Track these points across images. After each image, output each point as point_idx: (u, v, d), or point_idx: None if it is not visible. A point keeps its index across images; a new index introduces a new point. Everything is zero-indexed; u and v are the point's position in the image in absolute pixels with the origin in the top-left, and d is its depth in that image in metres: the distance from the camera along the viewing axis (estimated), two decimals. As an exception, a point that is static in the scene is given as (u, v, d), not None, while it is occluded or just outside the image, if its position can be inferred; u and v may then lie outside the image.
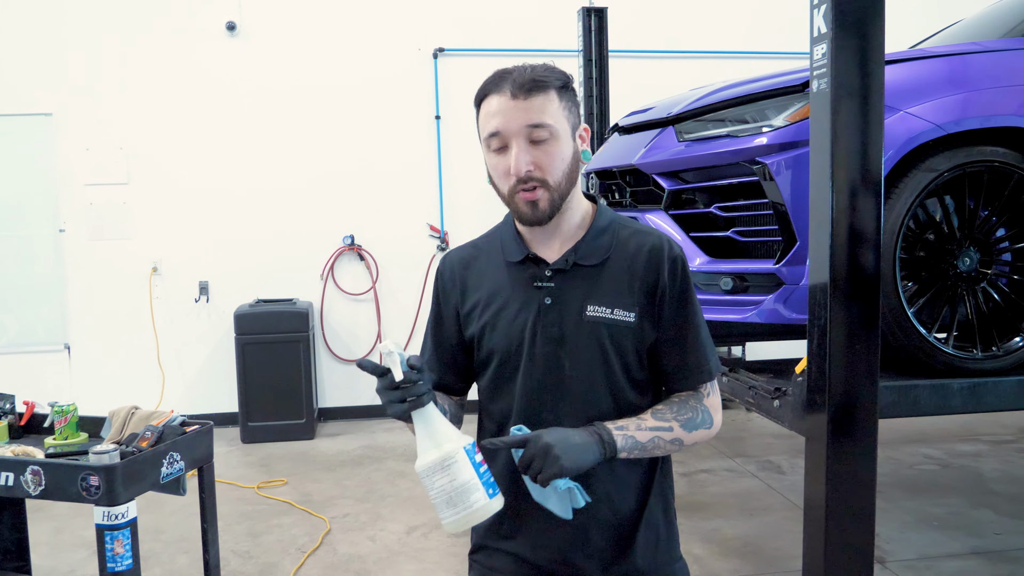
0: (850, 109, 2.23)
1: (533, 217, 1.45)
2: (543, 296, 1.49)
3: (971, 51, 2.90)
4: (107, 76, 5.83)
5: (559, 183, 1.45)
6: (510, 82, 1.43)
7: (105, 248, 5.91)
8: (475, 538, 1.60)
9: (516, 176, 1.42)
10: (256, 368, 5.66)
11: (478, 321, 1.54)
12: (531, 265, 1.52)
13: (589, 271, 1.49)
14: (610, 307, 1.47)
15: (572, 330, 1.47)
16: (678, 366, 1.51)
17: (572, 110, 1.47)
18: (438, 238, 6.24)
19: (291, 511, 4.33)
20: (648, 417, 1.47)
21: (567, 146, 1.45)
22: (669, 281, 1.49)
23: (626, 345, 1.47)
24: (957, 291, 2.80)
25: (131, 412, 2.65)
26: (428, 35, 6.13)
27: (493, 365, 1.53)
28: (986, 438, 5.40)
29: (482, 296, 1.55)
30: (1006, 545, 3.70)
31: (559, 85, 1.45)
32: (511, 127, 1.41)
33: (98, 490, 2.18)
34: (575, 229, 1.52)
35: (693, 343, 1.51)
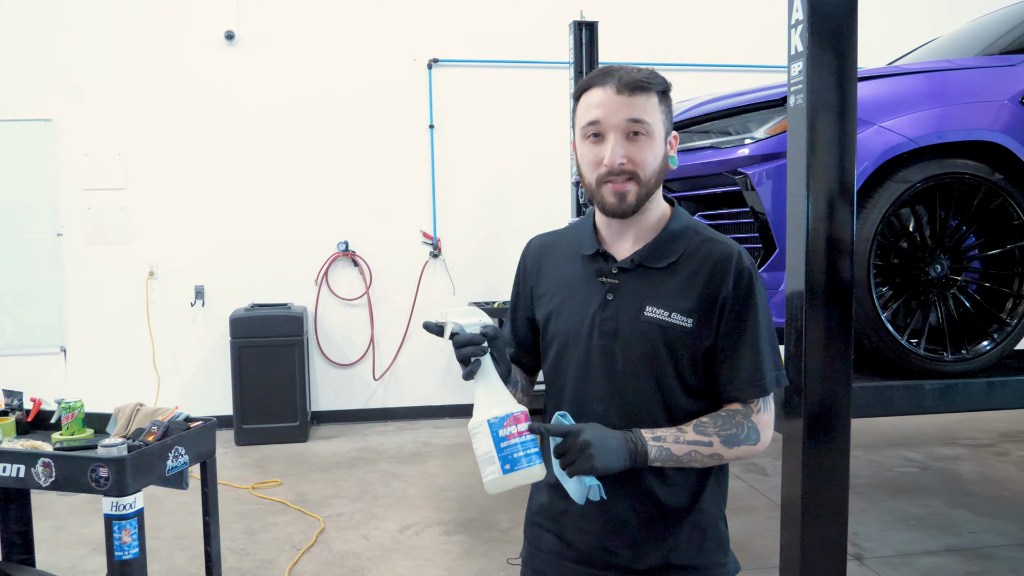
0: (825, 123, 2.35)
1: (619, 208, 1.51)
2: (606, 291, 1.55)
3: (943, 68, 3.04)
4: (107, 83, 5.93)
5: (648, 179, 1.50)
6: (616, 79, 1.48)
7: (103, 252, 6.01)
8: (528, 514, 1.69)
9: (609, 167, 1.48)
10: (251, 371, 5.75)
11: (547, 306, 1.63)
12: (600, 260, 1.58)
13: (654, 273, 1.54)
14: (668, 310, 1.50)
15: (628, 328, 1.52)
16: (730, 377, 1.52)
17: (667, 116, 1.53)
18: (431, 245, 6.35)
19: (286, 510, 4.43)
20: (689, 430, 1.48)
21: (660, 146, 1.51)
22: (733, 292, 1.50)
23: (680, 349, 1.50)
24: (929, 297, 2.93)
25: (136, 409, 2.75)
26: (423, 46, 6.26)
27: (554, 350, 1.61)
28: (965, 442, 5.54)
29: (554, 283, 1.64)
30: (980, 543, 3.83)
31: (660, 90, 1.51)
32: (611, 120, 1.47)
33: (107, 481, 2.27)
34: (649, 230, 1.57)
35: (749, 355, 1.51)
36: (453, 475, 4.89)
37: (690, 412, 1.52)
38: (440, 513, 4.33)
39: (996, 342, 2.91)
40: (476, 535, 4.02)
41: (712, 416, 1.52)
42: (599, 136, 1.49)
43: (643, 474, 1.50)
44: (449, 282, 6.39)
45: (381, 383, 6.40)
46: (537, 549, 1.65)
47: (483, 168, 6.39)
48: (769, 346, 1.53)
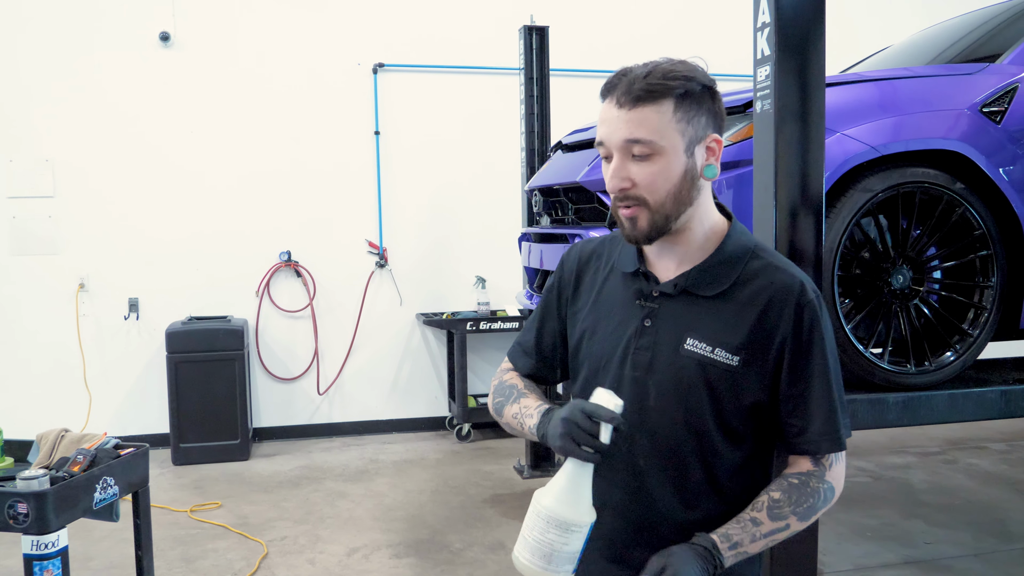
0: (793, 129, 2.29)
1: (631, 235, 1.36)
2: (644, 316, 1.39)
3: (904, 76, 3.01)
4: (33, 86, 5.62)
5: (661, 204, 1.32)
6: (621, 88, 1.31)
7: (29, 263, 5.69)
8: None
9: (612, 192, 1.34)
10: (189, 387, 5.50)
11: (581, 324, 1.48)
12: (641, 280, 1.41)
13: (700, 300, 1.36)
14: (711, 344, 1.33)
15: (664, 361, 1.35)
16: (800, 429, 1.35)
17: (695, 121, 1.32)
18: (377, 255, 6.18)
19: (226, 535, 4.21)
20: (764, 518, 1.32)
21: (675, 163, 1.31)
22: (793, 330, 1.33)
23: (722, 390, 1.32)
24: (891, 308, 2.88)
25: (60, 435, 2.54)
26: (368, 50, 6.09)
27: (583, 375, 1.46)
28: (914, 450, 5.57)
29: (590, 299, 1.48)
30: (937, 554, 3.81)
31: (680, 92, 1.30)
32: (612, 140, 1.32)
33: (26, 518, 2.08)
34: (697, 250, 1.39)
35: (819, 405, 1.34)
36: (402, 493, 4.72)
37: (728, 462, 1.36)
38: (389, 535, 4.15)
39: (959, 353, 2.88)
40: (427, 558, 3.86)
41: (784, 490, 1.35)
42: (608, 156, 1.35)
43: (665, 524, 1.36)
44: (396, 292, 6.22)
45: (326, 398, 6.19)
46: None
47: (431, 176, 6.24)
48: (839, 392, 1.37)
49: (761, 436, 1.40)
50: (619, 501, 1.39)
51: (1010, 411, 2.88)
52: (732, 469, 1.37)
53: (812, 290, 1.36)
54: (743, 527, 1.32)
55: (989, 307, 2.88)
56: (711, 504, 1.37)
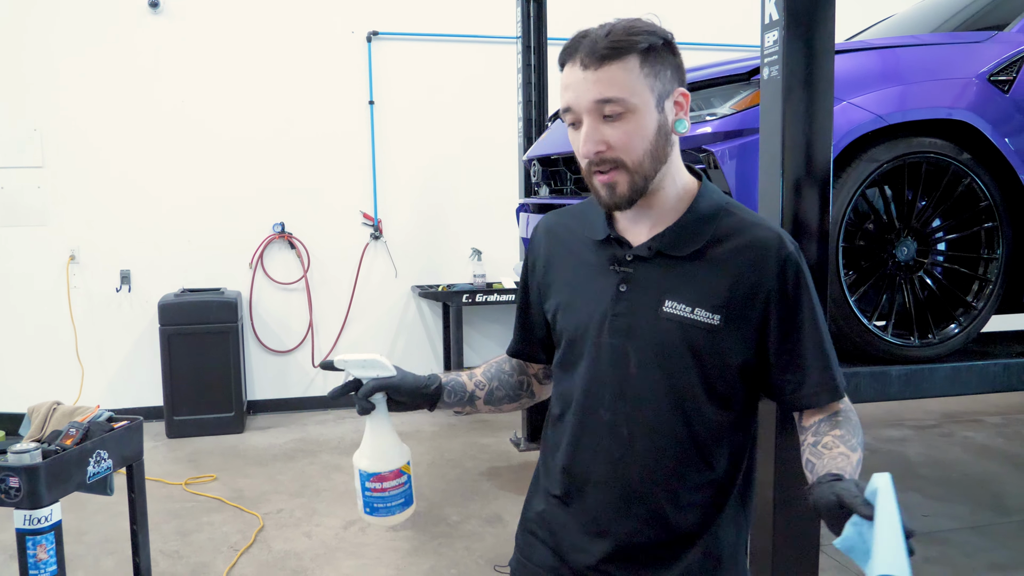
0: (801, 97, 2.23)
1: (611, 202, 1.30)
2: (619, 282, 1.34)
3: (911, 44, 2.95)
4: (21, 55, 5.50)
5: (639, 163, 1.27)
6: (583, 49, 1.25)
7: (18, 235, 5.60)
8: (523, 520, 1.51)
9: (586, 157, 1.28)
10: (182, 360, 5.45)
11: (555, 297, 1.44)
12: (614, 246, 1.36)
13: (675, 261, 1.32)
14: (691, 305, 1.29)
15: (644, 325, 1.31)
16: (798, 383, 1.32)
17: (661, 75, 1.27)
18: (371, 226, 6.11)
19: (222, 508, 4.18)
20: (844, 449, 1.27)
21: (648, 119, 1.26)
22: (778, 285, 1.30)
23: (706, 352, 1.29)
24: (895, 280, 2.84)
25: (52, 408, 2.50)
26: (362, 18, 5.98)
27: (562, 347, 1.42)
28: (911, 423, 5.57)
29: (563, 271, 1.44)
30: (934, 527, 3.81)
31: (643, 47, 1.25)
32: (580, 103, 1.26)
33: (18, 492, 2.03)
34: (669, 211, 1.34)
35: (814, 357, 1.32)
36: (398, 466, 4.70)
37: (715, 425, 1.32)
38: (386, 507, 4.13)
39: (963, 326, 2.85)
40: (424, 531, 3.84)
41: (839, 427, 1.30)
42: (576, 122, 1.29)
43: (653, 493, 1.33)
44: (391, 264, 6.17)
45: (320, 370, 6.14)
46: (528, 560, 1.47)
47: (426, 146, 6.16)
48: (829, 342, 1.34)
49: (747, 398, 1.36)
50: (604, 472, 1.36)
51: (1013, 384, 2.86)
52: (718, 433, 1.34)
53: (791, 243, 1.33)
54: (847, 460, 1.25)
55: (994, 280, 2.85)
56: (698, 470, 1.34)
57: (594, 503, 1.37)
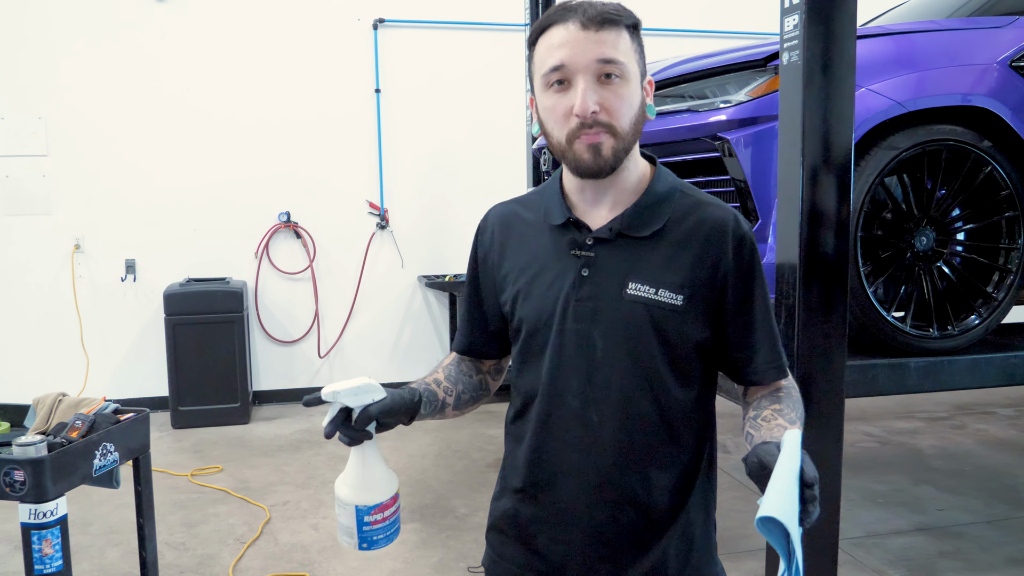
0: (822, 82, 2.17)
1: (594, 164, 1.27)
2: (580, 266, 1.32)
3: (931, 29, 2.88)
4: (25, 42, 5.45)
5: (626, 132, 1.27)
6: (579, 13, 1.24)
7: (23, 224, 5.57)
8: (491, 519, 1.48)
9: (581, 116, 1.24)
10: (187, 350, 5.41)
11: (512, 287, 1.40)
12: (573, 230, 1.34)
13: (636, 243, 1.31)
14: (654, 286, 1.29)
15: (608, 308, 1.30)
16: (747, 359, 1.35)
17: (641, 55, 1.30)
18: (378, 215, 6.06)
19: (228, 499, 4.15)
20: (782, 420, 1.30)
21: (636, 91, 1.28)
22: (734, 262, 1.31)
23: (671, 331, 1.29)
24: (914, 270, 2.79)
25: (58, 399, 2.46)
26: (368, 5, 5.91)
27: (522, 337, 1.39)
28: (921, 415, 5.52)
29: (519, 260, 1.40)
30: (949, 521, 3.77)
31: (630, 24, 1.27)
32: (579, 60, 1.23)
33: (23, 486, 1.99)
34: (628, 193, 1.34)
35: (763, 335, 1.35)
36: (405, 458, 4.67)
37: (681, 403, 1.32)
38: (393, 499, 4.09)
39: (983, 317, 2.80)
40: (432, 523, 3.81)
41: (781, 402, 1.33)
42: (565, 82, 1.25)
43: (625, 477, 1.31)
44: (397, 254, 6.12)
45: (326, 361, 6.11)
46: (500, 558, 1.44)
47: (433, 135, 6.10)
48: (775, 320, 1.39)
49: (705, 375, 1.37)
50: (574, 461, 1.33)
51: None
52: (684, 411, 1.34)
53: (745, 222, 1.35)
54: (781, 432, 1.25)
55: (1015, 269, 2.79)
56: (667, 451, 1.34)
57: (566, 493, 1.35)
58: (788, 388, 1.38)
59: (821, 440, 2.26)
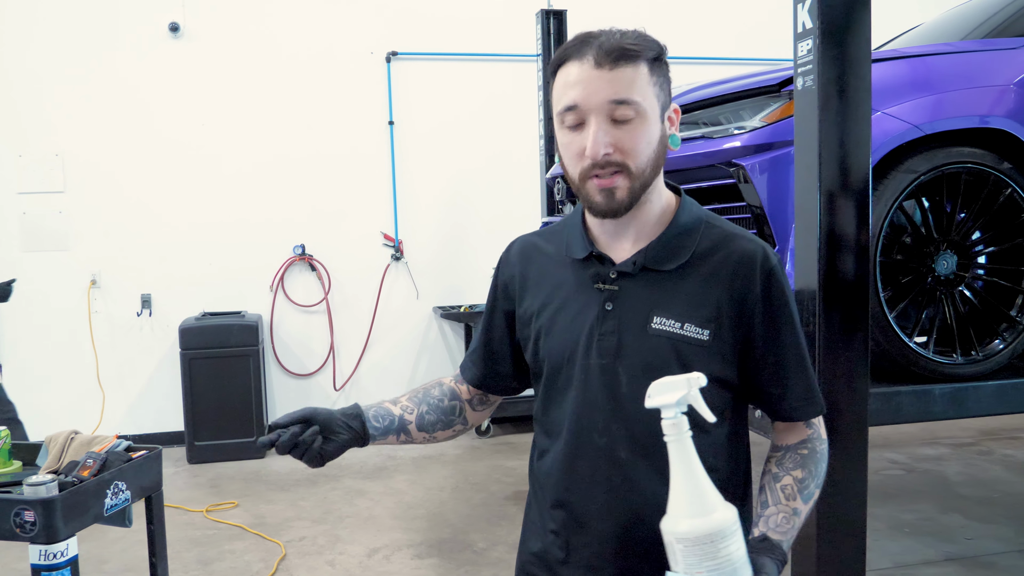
0: (837, 106, 2.15)
1: (607, 207, 1.25)
2: (604, 300, 1.30)
3: (946, 52, 2.86)
4: (42, 79, 5.53)
5: (642, 170, 1.24)
6: (595, 48, 1.22)
7: (40, 259, 5.60)
8: (520, 561, 1.44)
9: (592, 159, 1.22)
10: (203, 384, 5.40)
11: (533, 324, 1.38)
12: (595, 263, 1.32)
13: (661, 276, 1.29)
14: (680, 320, 1.26)
15: (633, 343, 1.27)
16: (780, 395, 1.32)
17: (663, 87, 1.27)
18: (392, 247, 6.06)
19: (243, 535, 4.11)
20: (801, 504, 1.30)
21: (654, 128, 1.25)
22: (763, 298, 1.28)
23: (697, 367, 1.23)
24: (936, 295, 2.74)
25: (70, 437, 2.44)
26: (381, 38, 5.96)
27: (545, 374, 1.36)
28: (947, 441, 5.41)
29: (540, 296, 1.38)
30: (979, 550, 3.67)
31: (651, 56, 1.24)
32: (591, 101, 1.21)
33: (34, 526, 1.97)
34: (652, 225, 1.32)
35: (797, 369, 1.32)
36: (422, 491, 4.62)
37: (712, 438, 1.28)
38: (410, 534, 4.05)
39: (1007, 341, 2.74)
40: (450, 558, 3.75)
41: (802, 466, 1.33)
42: (579, 123, 1.24)
43: (657, 516, 1.24)
44: (412, 286, 6.11)
45: (342, 393, 6.09)
46: None
47: (446, 166, 6.12)
48: (808, 355, 1.35)
49: (737, 408, 1.35)
50: (604, 501, 1.30)
51: (1062, 402, 2.74)
52: (717, 445, 1.30)
53: (774, 255, 1.32)
54: (788, 521, 1.29)
55: (1039, 293, 2.74)
56: None
57: (595, 535, 1.31)
58: (814, 441, 1.36)
59: (846, 469, 2.22)
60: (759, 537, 1.26)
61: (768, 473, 1.34)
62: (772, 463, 1.35)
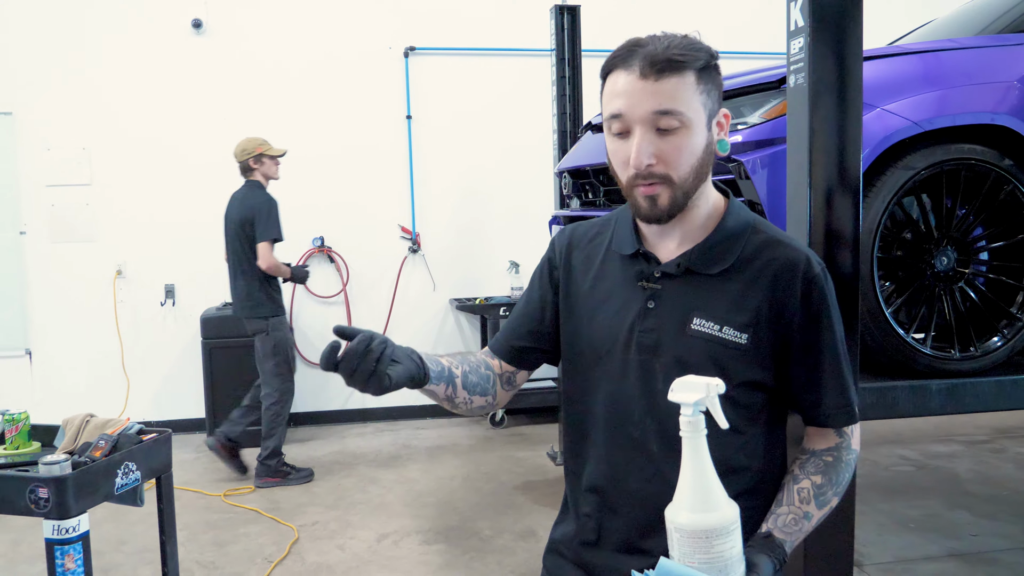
0: (829, 104, 2.18)
1: (651, 214, 1.29)
2: (647, 298, 1.34)
3: (948, 48, 2.87)
4: (69, 75, 5.68)
5: (685, 179, 1.27)
6: (641, 58, 1.23)
7: (68, 251, 5.76)
8: (551, 542, 1.49)
9: (636, 169, 1.26)
10: (223, 373, 5.52)
11: (578, 310, 1.41)
12: (641, 261, 1.36)
13: (704, 279, 1.32)
14: (719, 323, 1.29)
15: (671, 342, 1.31)
16: (815, 403, 1.34)
17: (711, 94, 1.28)
18: (409, 239, 6.15)
19: (258, 519, 4.22)
20: (814, 509, 1.31)
21: (699, 137, 1.27)
22: (802, 305, 1.30)
23: (732, 369, 1.28)
24: (935, 291, 2.76)
25: (85, 420, 2.54)
26: (399, 34, 6.04)
27: (583, 362, 1.40)
28: (961, 439, 5.40)
29: (585, 284, 1.42)
30: (983, 547, 3.68)
31: (700, 66, 1.25)
32: (635, 112, 1.24)
33: (47, 503, 2.07)
34: (698, 228, 1.34)
35: (831, 378, 1.33)
36: (433, 480, 4.70)
37: (744, 439, 1.32)
38: (419, 521, 4.13)
39: (1007, 338, 2.75)
40: (457, 544, 3.83)
41: (823, 472, 1.34)
42: (625, 131, 1.27)
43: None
44: (429, 278, 6.19)
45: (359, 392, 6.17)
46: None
47: (463, 160, 6.19)
48: (847, 362, 1.36)
49: (772, 412, 1.37)
50: (635, 490, 1.34)
51: (1062, 399, 2.75)
52: (750, 446, 1.34)
53: (818, 263, 1.32)
54: (797, 523, 1.30)
55: (1039, 290, 2.75)
56: (733, 484, 1.28)
57: (627, 522, 1.35)
58: (842, 450, 1.36)
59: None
60: (764, 533, 1.29)
61: (790, 474, 1.36)
62: (796, 465, 1.37)
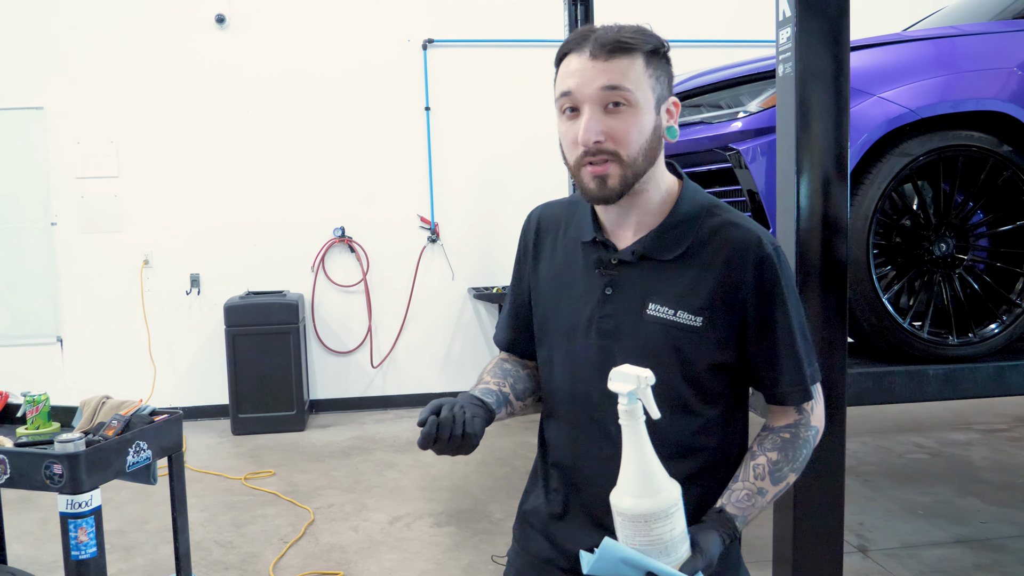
0: (816, 92, 2.21)
1: (599, 194, 1.30)
2: (605, 284, 1.37)
3: (945, 35, 2.87)
4: (98, 70, 5.83)
5: (634, 159, 1.28)
6: (592, 41, 1.27)
7: (97, 241, 5.92)
8: (520, 512, 1.54)
9: (584, 145, 1.27)
10: (247, 360, 5.66)
11: (544, 294, 1.47)
12: (600, 248, 1.39)
13: (659, 265, 1.34)
14: (673, 308, 1.32)
15: (629, 327, 1.34)
16: (772, 381, 1.36)
17: (661, 80, 1.31)
18: (428, 229, 6.23)
19: (276, 502, 4.34)
20: (768, 485, 1.34)
21: (647, 118, 1.29)
22: (755, 286, 1.31)
23: (691, 352, 1.31)
24: (933, 277, 2.78)
25: (102, 401, 2.66)
26: (417, 26, 6.11)
27: (550, 343, 1.44)
28: (979, 427, 5.37)
29: (552, 268, 1.46)
30: (991, 533, 3.68)
31: (648, 50, 1.28)
32: (585, 89, 1.26)
33: (61, 478, 2.18)
34: (653, 214, 1.36)
35: (787, 357, 1.34)
36: (449, 464, 4.79)
37: (704, 420, 1.35)
38: (432, 504, 4.22)
39: (1005, 325, 2.77)
40: (467, 527, 3.91)
41: (780, 448, 1.36)
42: (574, 110, 1.29)
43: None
44: (448, 267, 6.27)
45: (379, 370, 6.30)
46: (525, 550, 1.51)
47: (480, 150, 6.25)
48: (804, 340, 1.37)
49: (733, 393, 1.39)
50: (596, 469, 1.38)
51: (1061, 385, 2.76)
52: (709, 426, 1.37)
53: (770, 243, 1.33)
54: (751, 499, 1.33)
55: (1038, 276, 2.75)
56: (690, 463, 1.36)
57: (589, 498, 1.40)
58: (801, 426, 1.38)
59: (823, 448, 2.27)
60: (716, 509, 1.32)
61: (748, 451, 1.39)
62: (755, 442, 1.40)
